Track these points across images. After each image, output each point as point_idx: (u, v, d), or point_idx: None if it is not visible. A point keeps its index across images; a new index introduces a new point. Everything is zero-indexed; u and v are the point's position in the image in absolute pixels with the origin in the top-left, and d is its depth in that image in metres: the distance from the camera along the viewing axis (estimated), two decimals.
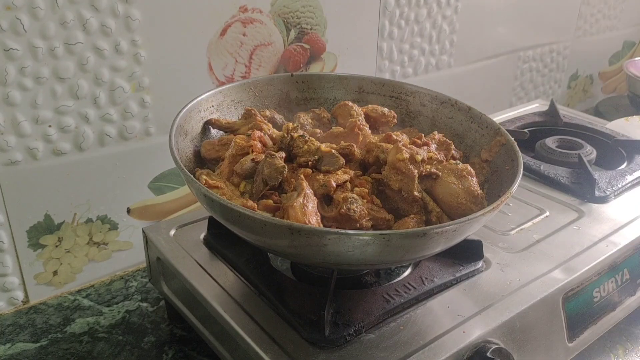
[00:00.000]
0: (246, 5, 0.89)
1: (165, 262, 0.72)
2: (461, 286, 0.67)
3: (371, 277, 0.68)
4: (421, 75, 1.18)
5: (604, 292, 0.73)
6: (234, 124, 0.74)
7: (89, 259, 0.87)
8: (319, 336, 0.58)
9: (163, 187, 0.91)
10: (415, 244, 0.53)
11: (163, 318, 0.80)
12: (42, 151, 0.77)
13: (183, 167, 0.59)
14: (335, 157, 0.65)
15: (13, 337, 0.76)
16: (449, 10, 1.16)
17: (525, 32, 1.37)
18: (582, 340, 0.70)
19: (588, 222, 0.81)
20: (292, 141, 0.66)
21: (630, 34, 1.68)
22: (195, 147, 0.71)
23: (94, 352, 0.74)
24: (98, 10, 0.75)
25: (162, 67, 0.83)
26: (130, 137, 0.84)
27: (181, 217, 0.81)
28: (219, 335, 0.65)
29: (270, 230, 0.52)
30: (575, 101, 1.65)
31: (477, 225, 0.57)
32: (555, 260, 0.72)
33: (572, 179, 0.90)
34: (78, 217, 0.84)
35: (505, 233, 0.78)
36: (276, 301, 0.63)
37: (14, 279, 0.81)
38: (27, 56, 0.72)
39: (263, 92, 0.80)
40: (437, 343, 0.58)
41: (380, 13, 1.06)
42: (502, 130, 0.71)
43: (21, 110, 0.74)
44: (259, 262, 0.69)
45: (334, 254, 0.52)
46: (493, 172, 0.69)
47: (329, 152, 0.65)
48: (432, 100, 0.80)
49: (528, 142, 1.03)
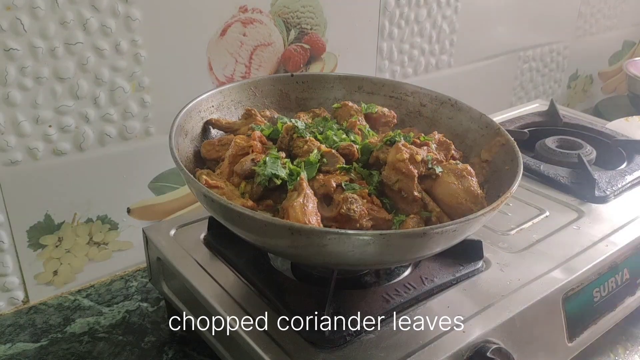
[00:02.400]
0: (246, 5, 0.89)
1: (165, 262, 0.72)
2: (461, 286, 0.67)
3: (371, 277, 0.68)
4: (421, 75, 1.18)
5: (604, 292, 0.73)
6: (234, 124, 0.74)
7: (89, 259, 0.87)
8: (319, 336, 0.58)
9: (163, 187, 0.91)
10: (415, 244, 0.53)
11: (163, 318, 0.80)
12: (42, 151, 0.77)
13: (183, 167, 0.59)
14: (335, 157, 0.65)
15: (13, 337, 0.76)
16: (449, 10, 1.16)
17: (525, 32, 1.37)
18: (582, 340, 0.70)
19: (588, 222, 0.80)
20: (292, 141, 0.66)
21: (630, 34, 1.68)
22: (195, 147, 0.71)
23: (94, 352, 0.74)
24: (98, 10, 0.75)
25: (162, 67, 0.83)
26: (130, 137, 0.84)
27: (181, 217, 0.81)
28: (219, 335, 0.65)
29: (270, 231, 0.52)
30: (575, 101, 1.65)
31: (477, 225, 0.57)
32: (555, 260, 0.72)
33: (572, 179, 0.90)
34: (78, 217, 0.84)
35: (505, 233, 0.78)
36: (276, 301, 0.63)
37: (14, 279, 0.81)
38: (27, 56, 0.72)
39: (263, 92, 0.80)
40: (437, 343, 0.58)
41: (380, 13, 1.06)
42: (502, 130, 0.71)
43: (21, 110, 0.74)
44: (259, 262, 0.69)
45: (334, 254, 0.52)
46: (493, 172, 0.69)
47: (329, 152, 0.65)
48: (432, 100, 0.80)
49: (528, 142, 1.03)
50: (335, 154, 0.64)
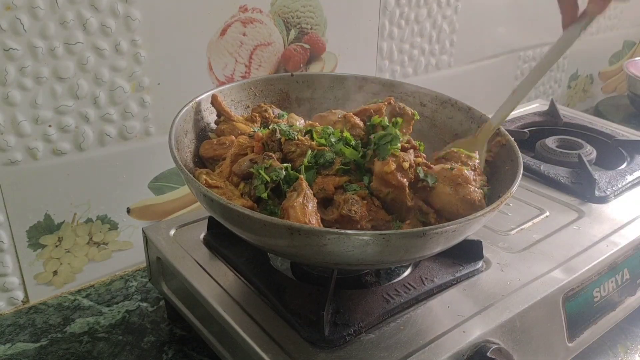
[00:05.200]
0: (246, 5, 0.89)
1: (165, 262, 0.72)
2: (461, 286, 0.67)
3: (371, 277, 0.68)
4: (421, 75, 1.18)
5: (604, 292, 0.73)
6: (233, 116, 0.73)
7: (89, 259, 0.87)
8: (319, 336, 0.58)
9: (163, 187, 0.91)
10: (414, 244, 0.53)
11: (163, 318, 0.80)
12: (42, 151, 0.77)
13: (183, 166, 0.59)
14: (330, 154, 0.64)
15: (13, 337, 0.76)
16: (449, 10, 1.16)
17: (525, 32, 1.37)
18: (582, 340, 0.70)
19: (588, 222, 0.80)
20: (282, 146, 0.65)
21: (630, 34, 1.68)
22: (195, 147, 0.71)
23: (94, 352, 0.74)
24: (98, 10, 0.75)
25: (162, 67, 0.83)
26: (130, 137, 0.84)
27: (181, 217, 0.81)
28: (219, 335, 0.65)
29: (269, 231, 0.52)
30: (575, 101, 1.65)
31: (476, 225, 0.57)
32: (555, 260, 0.72)
33: (572, 179, 0.90)
34: (78, 217, 0.84)
35: (505, 233, 0.78)
36: (276, 301, 0.63)
37: (14, 279, 0.81)
38: (27, 56, 0.72)
39: (263, 92, 0.80)
40: (437, 343, 0.58)
41: (380, 13, 1.06)
42: (502, 130, 0.71)
43: (21, 110, 0.74)
44: (259, 262, 0.69)
45: (334, 253, 0.52)
46: (493, 172, 0.69)
47: (323, 150, 0.64)
48: (432, 100, 0.80)
49: (528, 142, 1.03)
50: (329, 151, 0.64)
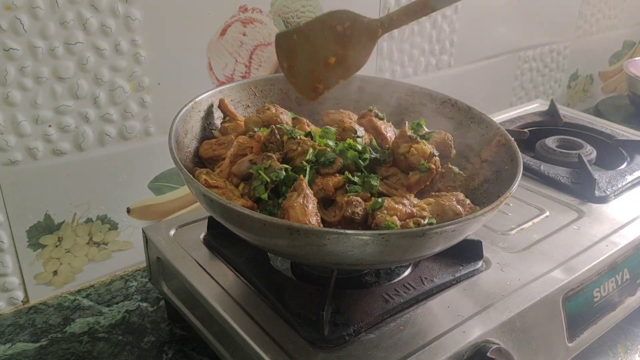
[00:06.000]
0: (246, 5, 0.89)
1: (165, 262, 0.72)
2: (461, 286, 0.67)
3: (371, 277, 0.68)
4: (421, 75, 1.18)
5: (604, 292, 0.73)
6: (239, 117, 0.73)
7: (89, 259, 0.87)
8: (319, 336, 0.58)
9: (163, 187, 0.91)
10: (414, 243, 0.53)
11: (163, 318, 0.80)
12: (42, 151, 0.77)
13: (182, 167, 0.59)
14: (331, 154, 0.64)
15: (13, 337, 0.76)
16: (449, 10, 1.16)
17: (525, 32, 1.37)
18: (582, 340, 0.70)
19: (588, 222, 0.80)
20: (284, 145, 0.65)
21: (630, 34, 1.68)
22: (194, 147, 0.71)
23: (94, 352, 0.74)
24: (98, 10, 0.75)
25: (162, 67, 0.83)
26: (130, 137, 0.84)
27: (181, 217, 0.81)
28: (219, 335, 0.65)
29: (269, 231, 0.52)
30: (575, 101, 1.65)
31: (476, 225, 0.57)
32: (555, 260, 0.72)
33: (572, 179, 0.90)
34: (78, 217, 0.84)
35: (505, 233, 0.78)
36: (276, 301, 0.63)
37: (14, 279, 0.81)
38: (27, 56, 0.72)
39: (263, 91, 0.80)
40: (437, 343, 0.58)
41: (380, 13, 1.05)
42: (502, 130, 0.71)
43: (21, 110, 0.74)
44: (258, 262, 0.69)
45: (334, 253, 0.52)
46: (493, 172, 0.69)
47: (324, 150, 0.64)
48: (432, 100, 0.80)
49: (528, 142, 1.03)
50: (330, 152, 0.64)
